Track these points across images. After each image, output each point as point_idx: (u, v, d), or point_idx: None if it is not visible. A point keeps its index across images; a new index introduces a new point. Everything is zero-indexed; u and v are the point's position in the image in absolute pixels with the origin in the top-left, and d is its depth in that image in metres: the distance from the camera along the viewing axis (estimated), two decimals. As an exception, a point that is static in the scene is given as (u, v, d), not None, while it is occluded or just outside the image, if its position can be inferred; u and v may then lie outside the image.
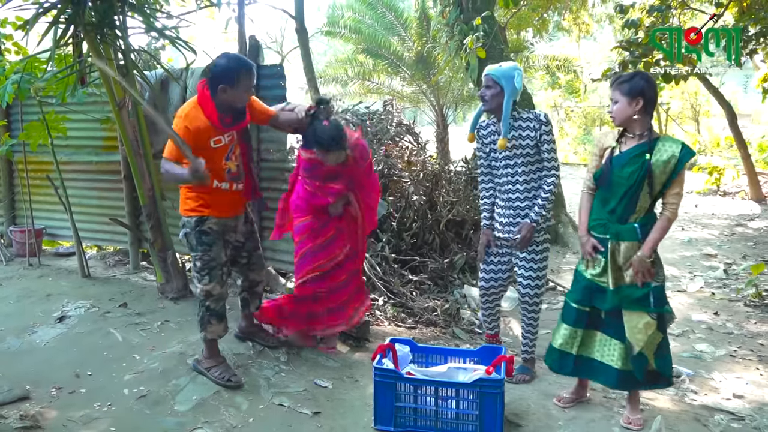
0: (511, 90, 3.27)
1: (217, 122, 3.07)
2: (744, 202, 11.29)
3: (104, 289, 4.60)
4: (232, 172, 3.23)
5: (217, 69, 3.05)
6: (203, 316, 3.22)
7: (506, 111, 3.27)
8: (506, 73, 3.29)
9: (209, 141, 3.08)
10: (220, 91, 3.01)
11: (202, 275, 3.20)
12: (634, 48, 8.26)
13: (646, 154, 2.80)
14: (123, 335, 3.71)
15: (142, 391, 3.06)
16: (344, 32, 13.51)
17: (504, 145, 3.31)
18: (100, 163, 5.34)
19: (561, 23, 17.85)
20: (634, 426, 2.94)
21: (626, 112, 2.84)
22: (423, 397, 2.82)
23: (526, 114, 3.36)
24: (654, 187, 2.81)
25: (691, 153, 2.79)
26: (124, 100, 4.17)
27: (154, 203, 4.34)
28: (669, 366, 2.97)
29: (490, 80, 3.32)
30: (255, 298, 3.63)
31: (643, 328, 2.85)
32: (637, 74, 2.88)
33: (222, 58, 3.10)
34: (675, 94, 21.28)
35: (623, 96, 2.83)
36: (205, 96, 3.07)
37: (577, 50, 23.87)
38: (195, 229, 3.17)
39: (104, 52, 4.06)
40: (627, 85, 2.83)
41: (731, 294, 5.75)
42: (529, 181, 3.38)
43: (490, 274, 3.57)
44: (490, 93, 3.32)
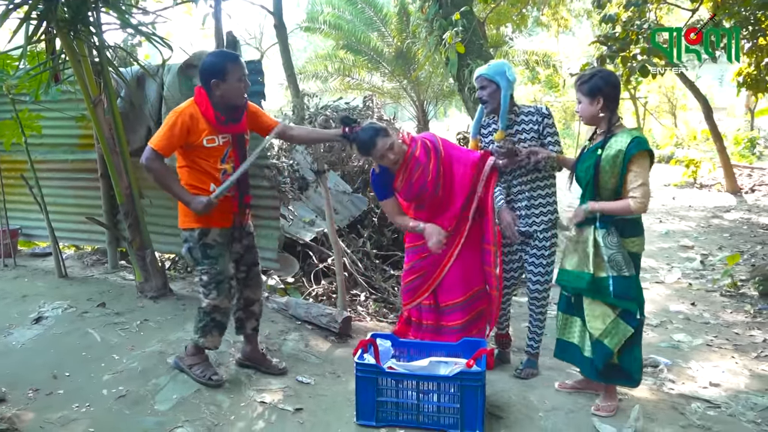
0: (506, 84, 3.30)
1: (213, 119, 2.99)
2: (720, 194, 11.48)
3: (82, 289, 4.54)
4: (228, 174, 3.10)
5: (204, 67, 3.01)
6: (206, 325, 3.14)
7: (504, 104, 3.31)
8: (497, 69, 3.33)
9: (202, 138, 2.99)
10: (213, 87, 2.97)
11: (209, 290, 3.10)
12: (612, 43, 8.35)
13: (599, 149, 2.87)
14: (101, 335, 3.66)
15: (122, 391, 3.03)
16: (324, 28, 13.47)
17: (501, 137, 3.33)
18: (76, 162, 5.25)
19: (540, 18, 17.96)
20: (602, 413, 3.00)
21: (589, 111, 2.92)
22: (404, 391, 2.83)
23: (527, 108, 3.39)
24: (606, 181, 2.85)
25: (640, 146, 2.78)
26: (99, 97, 4.11)
27: (132, 201, 4.28)
28: (636, 366, 2.95)
29: (484, 80, 3.34)
30: (251, 318, 3.39)
31: (600, 316, 2.90)
32: (596, 73, 2.91)
33: (208, 56, 3.09)
34: (652, 89, 21.57)
35: (584, 96, 2.91)
36: (202, 94, 3.01)
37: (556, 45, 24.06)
38: (199, 243, 3.07)
39: (78, 48, 3.99)
40: (586, 85, 2.89)
41: (708, 284, 5.85)
42: (530, 173, 3.38)
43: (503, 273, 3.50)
44: (488, 92, 3.34)
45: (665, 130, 21.48)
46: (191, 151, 3.03)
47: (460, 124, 16.75)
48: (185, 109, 2.99)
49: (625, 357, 2.93)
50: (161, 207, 4.88)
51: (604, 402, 3.06)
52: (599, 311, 2.91)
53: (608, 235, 2.86)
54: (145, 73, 4.50)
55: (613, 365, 2.95)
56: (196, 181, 3.06)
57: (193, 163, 3.05)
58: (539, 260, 3.43)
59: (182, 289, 4.66)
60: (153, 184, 4.86)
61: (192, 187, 3.05)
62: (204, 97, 3.01)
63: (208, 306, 3.12)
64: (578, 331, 3.06)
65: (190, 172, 3.07)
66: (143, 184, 4.71)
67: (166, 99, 4.39)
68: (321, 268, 5.04)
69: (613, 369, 2.96)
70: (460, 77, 7.95)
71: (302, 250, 5.19)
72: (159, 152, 2.96)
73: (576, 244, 2.99)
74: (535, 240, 3.43)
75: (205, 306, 3.13)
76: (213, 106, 3.00)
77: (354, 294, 4.83)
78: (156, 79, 4.46)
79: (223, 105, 3.03)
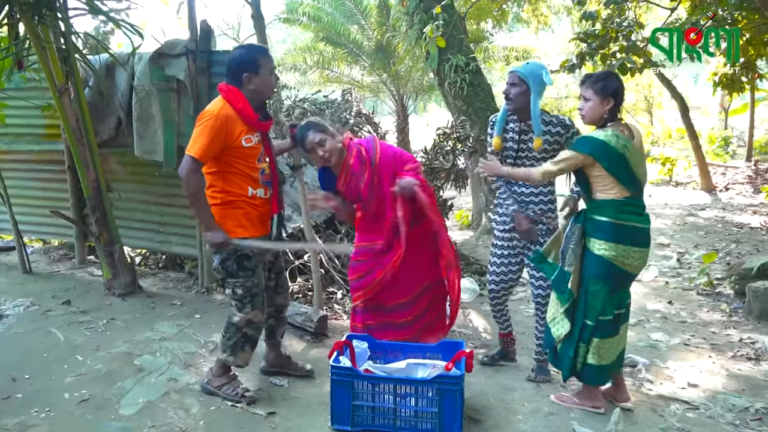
0: (538, 88, 3.16)
1: (252, 117, 2.82)
2: (695, 192, 11.60)
3: (47, 286, 4.37)
4: (266, 174, 2.93)
5: (234, 61, 2.85)
6: (237, 342, 2.96)
7: (535, 110, 3.17)
8: (533, 71, 3.18)
9: (241, 138, 2.81)
10: (246, 82, 2.80)
11: (244, 303, 2.91)
12: (592, 40, 8.34)
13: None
14: (65, 335, 3.51)
15: (84, 394, 2.89)
16: (303, 20, 13.26)
17: (540, 145, 3.20)
18: (41, 153, 5.07)
19: (520, 15, 17.97)
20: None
21: (597, 110, 2.85)
22: (381, 395, 2.74)
23: (549, 117, 3.26)
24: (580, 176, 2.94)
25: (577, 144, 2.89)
26: (65, 86, 3.93)
27: (99, 195, 4.12)
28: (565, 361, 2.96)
29: (516, 77, 3.18)
30: (281, 325, 3.26)
31: (554, 304, 3.03)
32: (610, 74, 2.89)
33: (236, 50, 2.96)
34: (630, 87, 21.74)
35: (596, 95, 2.83)
36: (233, 91, 2.81)
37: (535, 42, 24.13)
38: (236, 254, 2.87)
39: (43, 34, 3.81)
40: (601, 84, 2.82)
41: (684, 283, 5.87)
42: (547, 184, 3.30)
43: (500, 276, 3.43)
44: (516, 91, 3.19)
45: (641, 128, 21.69)
46: (228, 153, 2.81)
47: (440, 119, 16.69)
48: (219, 111, 2.77)
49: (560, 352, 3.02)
50: (130, 200, 4.73)
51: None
52: (554, 298, 3.03)
53: (574, 227, 2.92)
54: (114, 61, 4.33)
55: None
56: (232, 186, 2.86)
57: (228, 166, 2.84)
58: None
59: (152, 286, 4.52)
60: (122, 177, 4.77)
61: (228, 194, 2.85)
62: (238, 94, 2.81)
63: (241, 321, 2.93)
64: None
65: (225, 177, 2.85)
66: (111, 176, 4.56)
67: (136, 89, 4.23)
68: (297, 264, 4.93)
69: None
70: (441, 72, 7.87)
71: (278, 246, 5.07)
72: (200, 161, 2.74)
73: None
74: (537, 245, 3.32)
75: (238, 321, 2.94)
76: (249, 102, 2.83)
77: (331, 291, 4.73)
78: (126, 68, 4.29)
79: (256, 100, 2.87)
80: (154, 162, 4.33)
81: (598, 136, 2.81)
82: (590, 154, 2.79)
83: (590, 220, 2.88)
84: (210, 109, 2.81)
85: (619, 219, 2.82)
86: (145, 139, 4.31)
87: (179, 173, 2.78)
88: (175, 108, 4.24)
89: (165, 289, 4.51)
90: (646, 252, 2.93)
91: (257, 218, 2.94)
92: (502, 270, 3.43)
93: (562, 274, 2.95)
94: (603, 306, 2.87)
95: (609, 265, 2.84)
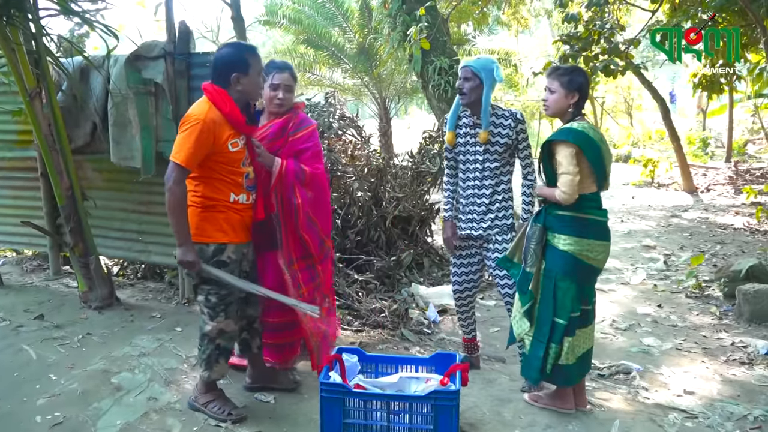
0: (490, 82, 3.22)
1: (241, 121, 2.70)
2: (677, 194, 11.65)
3: (18, 299, 4.17)
4: (250, 178, 2.82)
5: (222, 60, 2.68)
6: (210, 354, 2.81)
7: (486, 103, 3.22)
8: (485, 65, 3.24)
9: (227, 143, 2.68)
10: (234, 82, 2.65)
11: (217, 312, 2.77)
12: (574, 42, 8.34)
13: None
14: (38, 352, 3.33)
15: (58, 417, 2.72)
16: (283, 22, 13.13)
17: (486, 137, 3.24)
18: (13, 159, 4.84)
19: (500, 17, 17.99)
20: (529, 399, 3.10)
21: (561, 103, 2.87)
22: (373, 412, 2.62)
23: (501, 111, 3.31)
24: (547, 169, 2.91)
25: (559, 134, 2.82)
26: (36, 90, 3.75)
27: (74, 203, 3.94)
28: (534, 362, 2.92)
29: (469, 72, 3.24)
30: (255, 336, 3.08)
31: (518, 302, 2.99)
32: (577, 69, 2.92)
33: (223, 48, 2.78)
34: (609, 89, 21.92)
35: (562, 88, 2.85)
36: (219, 92, 2.66)
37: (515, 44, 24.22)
38: (212, 260, 2.72)
39: (12, 36, 3.63)
40: (567, 77, 2.84)
41: (672, 285, 5.84)
42: (495, 177, 3.33)
43: (462, 276, 3.48)
44: (469, 85, 3.24)
45: (622, 130, 21.86)
46: (212, 158, 2.66)
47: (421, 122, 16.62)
48: (206, 115, 2.62)
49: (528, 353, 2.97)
50: (107, 209, 4.54)
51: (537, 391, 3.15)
52: (517, 299, 3.00)
53: (534, 227, 2.88)
54: (89, 64, 4.16)
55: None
56: (213, 192, 2.71)
57: (212, 172, 2.70)
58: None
59: (131, 298, 4.35)
60: (98, 184, 4.59)
61: (208, 199, 2.70)
62: (225, 96, 2.66)
63: (213, 330, 2.79)
64: None
65: (207, 182, 2.72)
66: (87, 184, 4.37)
67: (111, 93, 4.06)
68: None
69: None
70: (424, 74, 7.80)
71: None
72: (186, 168, 2.59)
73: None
74: (494, 243, 3.35)
75: (210, 330, 2.79)
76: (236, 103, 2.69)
77: (316, 300, 4.60)
78: (101, 71, 4.12)
79: (242, 101, 2.73)
80: (131, 168, 4.16)
81: (576, 127, 2.80)
82: (575, 143, 2.76)
83: (553, 216, 2.87)
84: (195, 113, 2.65)
85: (582, 213, 2.84)
86: (121, 144, 4.14)
87: (165, 181, 2.61)
88: (153, 112, 4.08)
89: (144, 300, 4.34)
90: (608, 246, 2.96)
91: (239, 223, 2.81)
92: (462, 271, 3.47)
93: (524, 274, 2.95)
94: (572, 303, 2.85)
95: (574, 260, 2.83)
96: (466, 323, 3.62)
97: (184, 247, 2.64)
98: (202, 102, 2.70)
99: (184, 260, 2.65)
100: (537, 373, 2.93)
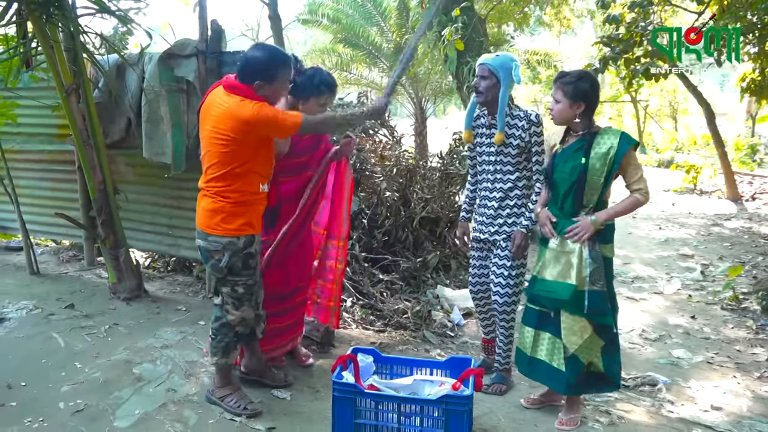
0: (508, 82, 3.11)
1: None
2: (720, 202, 11.27)
3: (52, 288, 4.31)
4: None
5: (251, 62, 2.69)
6: (229, 342, 2.87)
7: (502, 104, 3.10)
8: (503, 64, 3.12)
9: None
10: (257, 88, 2.68)
11: (242, 302, 2.84)
12: (615, 44, 8.14)
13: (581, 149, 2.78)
14: (66, 340, 3.44)
15: (80, 404, 2.80)
16: (323, 21, 13.20)
17: (501, 140, 3.14)
18: (53, 153, 5.02)
19: (542, 18, 17.72)
20: (566, 426, 2.90)
21: (567, 114, 2.80)
22: (385, 413, 2.62)
23: (517, 111, 3.19)
24: (595, 181, 2.76)
25: (630, 141, 2.75)
26: (72, 86, 3.87)
27: (106, 197, 4.05)
28: (616, 367, 2.89)
29: (486, 70, 3.13)
30: (260, 322, 3.08)
31: (578, 331, 2.78)
32: (583, 76, 2.80)
33: (255, 51, 2.76)
34: (654, 92, 21.36)
35: (566, 98, 2.77)
36: (248, 91, 2.68)
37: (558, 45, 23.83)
38: (243, 252, 2.76)
39: (51, 33, 3.75)
40: (571, 87, 2.76)
41: (708, 297, 5.65)
42: (506, 182, 3.23)
43: (476, 278, 3.45)
44: (486, 84, 3.13)
45: (666, 135, 21.29)
46: (262, 145, 2.72)
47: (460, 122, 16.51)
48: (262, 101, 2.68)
49: (607, 366, 2.85)
50: (139, 203, 4.65)
51: (566, 415, 2.95)
52: (578, 326, 2.78)
53: (594, 247, 2.76)
54: (125, 62, 4.26)
55: (587, 376, 2.85)
56: (246, 185, 2.73)
57: (254, 162, 2.72)
58: (500, 270, 3.25)
59: (159, 290, 4.45)
60: (131, 179, 4.70)
61: (242, 194, 2.73)
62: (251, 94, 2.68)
63: (236, 319, 2.85)
64: (547, 346, 2.92)
65: (246, 174, 2.72)
66: (120, 178, 4.48)
67: (145, 90, 4.16)
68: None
69: (589, 379, 2.87)
70: (459, 75, 7.73)
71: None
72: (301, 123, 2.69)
73: (559, 254, 2.82)
74: (498, 249, 3.26)
75: (233, 319, 2.85)
76: None
77: (340, 299, 4.62)
78: (135, 69, 4.22)
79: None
80: (162, 164, 4.25)
81: (622, 130, 2.81)
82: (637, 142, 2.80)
83: (602, 228, 2.78)
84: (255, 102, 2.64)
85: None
86: (154, 141, 4.24)
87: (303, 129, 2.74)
88: (184, 109, 4.16)
89: (171, 293, 4.43)
90: None
91: (260, 214, 2.88)
92: (476, 272, 3.44)
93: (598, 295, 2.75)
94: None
95: (612, 263, 2.88)
96: (484, 324, 3.57)
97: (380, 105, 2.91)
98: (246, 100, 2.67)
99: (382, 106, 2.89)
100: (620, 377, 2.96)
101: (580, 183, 2.76)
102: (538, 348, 2.94)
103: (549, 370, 2.89)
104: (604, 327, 2.80)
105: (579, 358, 2.79)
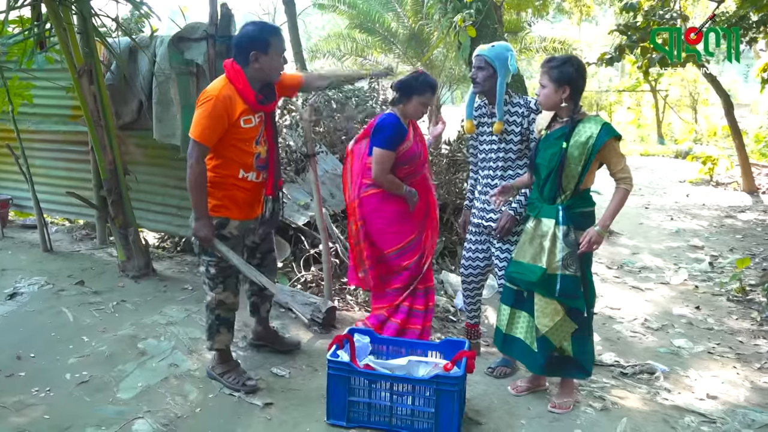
0: (504, 72, 3.14)
1: (252, 99, 2.76)
2: (736, 194, 11.13)
3: (64, 265, 4.43)
4: (261, 158, 2.89)
5: (243, 37, 2.77)
6: (212, 324, 2.96)
7: (500, 94, 3.15)
8: (499, 54, 3.15)
9: (240, 119, 2.75)
10: (252, 60, 2.72)
11: (216, 283, 2.91)
12: (632, 32, 8.03)
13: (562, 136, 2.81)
14: (74, 315, 3.55)
15: (85, 376, 2.91)
16: (339, 6, 13.20)
17: (500, 129, 3.19)
18: (67, 133, 5.12)
19: (562, 5, 17.49)
20: (559, 410, 2.93)
21: (552, 98, 2.81)
22: (378, 392, 2.68)
23: (517, 99, 3.23)
24: (572, 168, 2.77)
25: (610, 132, 2.75)
26: (84, 68, 3.95)
27: (116, 177, 4.14)
28: (588, 359, 2.93)
29: (482, 61, 3.17)
30: (265, 301, 3.28)
31: (550, 313, 2.83)
32: (569, 60, 2.81)
33: (246, 26, 2.84)
34: (674, 82, 21.05)
35: (551, 82, 2.79)
36: (236, 70, 2.75)
37: (578, 33, 23.52)
38: (214, 233, 2.82)
39: (63, 15, 3.82)
40: (556, 71, 2.77)
41: (715, 288, 5.63)
42: (506, 169, 3.27)
43: (468, 261, 3.50)
44: (483, 75, 3.18)
45: (684, 125, 21.00)
46: (228, 134, 2.76)
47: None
48: (220, 92, 2.70)
49: (575, 347, 2.88)
50: (150, 183, 4.74)
51: (559, 399, 2.99)
52: (550, 308, 2.84)
53: (568, 233, 2.79)
54: (136, 45, 4.33)
55: (558, 359, 2.90)
56: (223, 167, 2.81)
57: (224, 146, 2.78)
58: (505, 254, 3.28)
59: (167, 269, 4.54)
60: (142, 159, 4.79)
61: (217, 174, 2.80)
62: (240, 73, 2.75)
63: (212, 300, 2.94)
64: (524, 325, 2.98)
65: (218, 157, 2.80)
66: (131, 159, 4.57)
67: (156, 73, 4.23)
68: (312, 253, 4.89)
69: (560, 363, 2.92)
70: (471, 62, 7.71)
71: (294, 234, 5.04)
72: (204, 144, 2.70)
73: (533, 238, 2.88)
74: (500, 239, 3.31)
75: (210, 300, 2.95)
76: (249, 83, 2.76)
77: (344, 282, 4.68)
78: (146, 51, 4.28)
79: (260, 80, 2.80)
80: (172, 146, 4.33)
81: (605, 121, 2.82)
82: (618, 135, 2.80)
83: (578, 215, 2.83)
84: (210, 90, 2.75)
85: (592, 206, 2.90)
86: (164, 122, 4.31)
87: (187, 158, 2.73)
88: (193, 92, 4.21)
89: (179, 272, 4.53)
90: None
91: (243, 201, 2.90)
92: (469, 255, 3.48)
93: (572, 279, 2.81)
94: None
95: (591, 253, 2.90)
96: (469, 308, 3.63)
97: (201, 221, 2.77)
98: (219, 79, 2.81)
99: (200, 234, 2.77)
100: (591, 366, 2.97)
101: (558, 170, 2.78)
102: (515, 326, 3.02)
103: (525, 348, 2.97)
104: (574, 311, 2.85)
105: (549, 340, 2.85)
